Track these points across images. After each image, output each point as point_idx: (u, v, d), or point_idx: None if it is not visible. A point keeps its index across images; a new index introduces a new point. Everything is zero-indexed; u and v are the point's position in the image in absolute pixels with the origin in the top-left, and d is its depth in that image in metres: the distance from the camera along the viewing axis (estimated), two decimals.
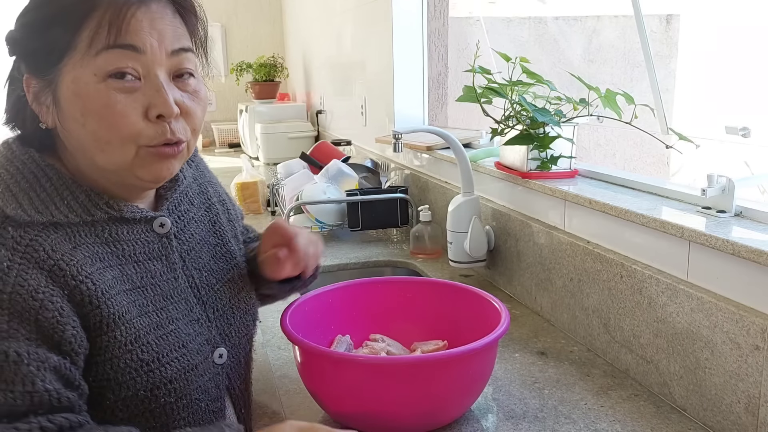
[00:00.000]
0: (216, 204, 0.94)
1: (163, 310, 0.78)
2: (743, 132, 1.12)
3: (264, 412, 0.97)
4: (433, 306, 1.09)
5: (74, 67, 0.70)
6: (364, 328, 1.10)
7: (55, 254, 0.68)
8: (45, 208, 0.71)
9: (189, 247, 0.85)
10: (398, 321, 1.11)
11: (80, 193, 0.74)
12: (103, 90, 0.70)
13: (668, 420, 0.94)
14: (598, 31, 2.83)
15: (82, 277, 0.69)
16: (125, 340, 0.72)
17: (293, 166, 2.32)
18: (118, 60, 0.69)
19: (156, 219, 0.80)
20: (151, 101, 0.72)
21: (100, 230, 0.75)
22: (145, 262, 0.78)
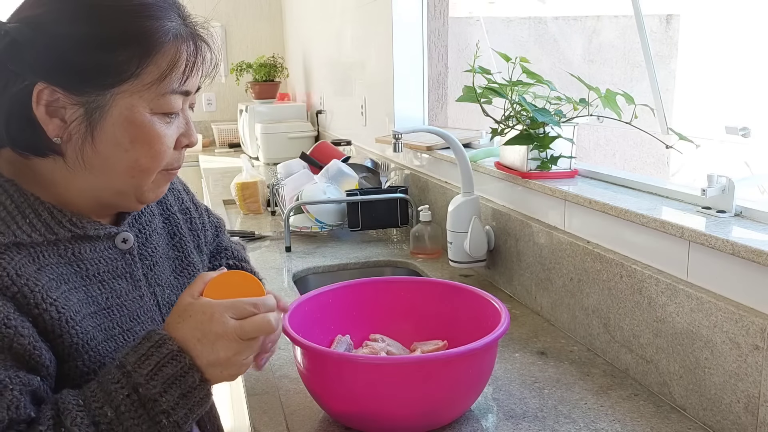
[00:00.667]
0: (177, 213, 0.93)
1: (129, 331, 0.77)
2: (743, 132, 1.12)
3: (264, 412, 0.97)
4: (432, 306, 1.09)
5: (131, 94, 0.70)
6: (363, 327, 1.10)
7: (19, 279, 0.66)
8: (6, 228, 0.68)
9: (152, 263, 0.84)
10: (398, 321, 1.11)
11: (42, 210, 0.71)
12: (156, 122, 0.72)
13: (668, 420, 0.94)
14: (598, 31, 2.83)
15: (46, 305, 0.67)
16: (88, 369, 0.71)
17: (293, 166, 2.32)
18: (176, 103, 0.73)
19: (118, 235, 0.79)
20: (182, 132, 0.76)
21: (63, 249, 0.72)
22: (110, 281, 0.77)
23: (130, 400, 0.65)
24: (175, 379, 0.66)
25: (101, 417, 0.65)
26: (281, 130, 3.35)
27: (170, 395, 0.66)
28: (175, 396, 0.66)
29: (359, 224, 1.86)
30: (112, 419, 0.65)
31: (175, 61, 0.71)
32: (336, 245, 1.86)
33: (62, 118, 0.69)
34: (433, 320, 1.09)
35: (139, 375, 0.66)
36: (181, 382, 0.67)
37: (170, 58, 0.71)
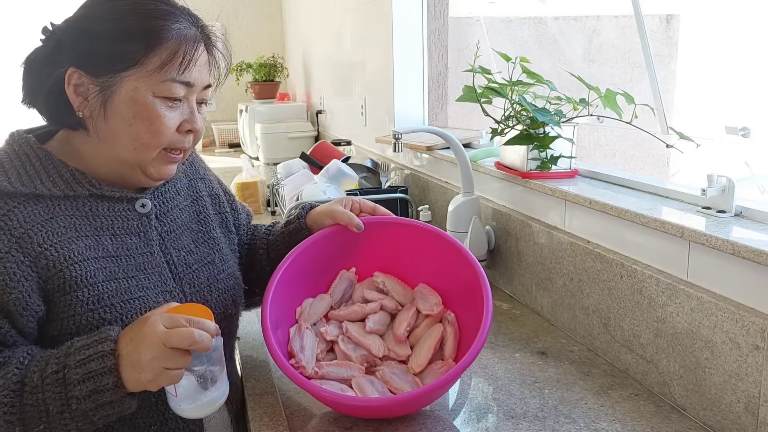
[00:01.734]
0: (205, 197, 1.07)
1: (134, 278, 0.89)
2: (743, 132, 1.12)
3: (264, 412, 0.97)
4: (437, 260, 1.06)
5: (137, 79, 0.84)
6: (372, 261, 1.09)
7: (26, 224, 0.81)
8: (30, 182, 0.84)
9: (170, 229, 0.97)
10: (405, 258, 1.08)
11: (66, 172, 0.87)
12: (157, 103, 0.86)
13: (668, 419, 0.94)
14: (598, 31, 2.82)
15: (47, 245, 0.81)
16: (87, 300, 0.83)
17: (293, 166, 2.32)
18: (176, 90, 0.86)
19: (138, 200, 0.93)
20: (186, 118, 0.89)
21: (81, 204, 0.87)
22: (122, 235, 0.90)
23: (56, 376, 0.75)
24: (94, 374, 0.74)
25: (29, 380, 0.75)
26: (281, 130, 3.35)
27: (84, 386, 0.74)
28: (88, 389, 0.74)
29: None
30: (37, 385, 0.75)
31: (174, 54, 0.85)
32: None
33: (85, 96, 0.86)
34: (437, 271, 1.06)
35: (73, 359, 0.75)
36: (96, 379, 0.74)
37: (170, 52, 0.85)
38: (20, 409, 0.74)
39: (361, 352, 1.00)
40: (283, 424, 0.94)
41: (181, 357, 0.75)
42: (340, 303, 1.08)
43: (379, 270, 1.10)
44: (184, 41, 0.86)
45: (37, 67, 0.87)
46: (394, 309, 1.06)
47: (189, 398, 0.79)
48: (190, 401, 0.80)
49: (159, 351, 0.74)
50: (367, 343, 1.01)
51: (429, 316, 1.04)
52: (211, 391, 0.81)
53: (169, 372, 0.75)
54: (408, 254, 1.08)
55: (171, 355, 0.74)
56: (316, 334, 1.02)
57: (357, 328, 1.03)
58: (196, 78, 0.88)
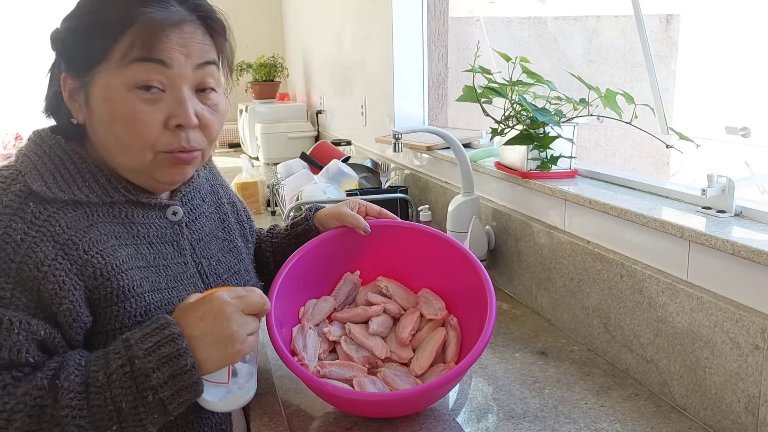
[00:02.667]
0: (225, 204, 1.02)
1: (174, 289, 0.84)
2: (743, 132, 1.12)
3: (264, 412, 0.97)
4: (441, 264, 1.05)
5: (107, 74, 0.77)
6: (376, 265, 1.09)
7: (69, 230, 0.75)
8: (68, 187, 0.78)
9: (199, 237, 0.92)
10: (409, 263, 1.08)
11: (101, 177, 0.81)
12: (130, 99, 0.76)
13: (668, 419, 0.94)
14: (598, 31, 2.82)
15: (93, 252, 0.76)
16: (135, 312, 0.78)
17: (293, 166, 2.32)
18: (146, 73, 0.76)
19: (169, 207, 0.88)
20: (172, 111, 0.78)
21: (118, 211, 0.82)
22: (159, 244, 0.85)
23: (123, 370, 0.70)
24: (169, 359, 0.71)
25: (93, 380, 0.70)
26: (281, 130, 3.35)
27: (162, 373, 0.71)
28: (166, 375, 0.71)
29: None
30: (103, 384, 0.70)
31: (138, 33, 0.76)
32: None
33: (78, 101, 0.80)
34: (439, 276, 1.06)
35: (139, 349, 0.71)
36: (174, 362, 0.71)
37: (134, 33, 0.76)
38: (89, 411, 0.69)
39: (363, 353, 1.00)
40: (283, 424, 0.94)
41: (255, 321, 0.78)
42: (344, 305, 1.08)
43: (383, 273, 1.10)
44: (150, 21, 0.76)
45: (50, 77, 0.84)
46: (397, 313, 1.06)
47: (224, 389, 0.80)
48: (225, 392, 0.80)
49: (241, 319, 0.75)
50: (370, 344, 1.01)
51: (432, 320, 1.04)
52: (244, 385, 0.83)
53: (249, 338, 0.77)
54: (412, 257, 1.08)
55: (251, 321, 0.77)
56: (319, 335, 1.02)
57: (360, 330, 1.03)
58: (173, 56, 0.77)
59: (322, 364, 0.97)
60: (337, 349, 1.02)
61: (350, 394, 0.91)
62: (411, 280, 1.09)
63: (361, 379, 0.95)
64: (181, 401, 0.73)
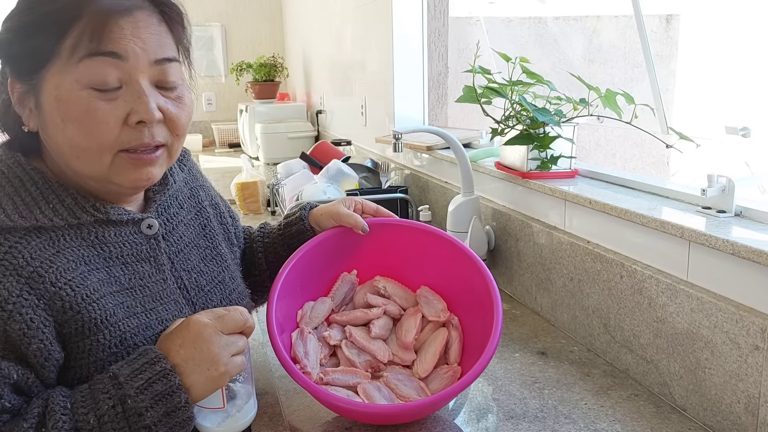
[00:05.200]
0: (207, 208, 0.96)
1: (153, 311, 0.79)
2: (743, 132, 1.12)
3: (264, 412, 0.97)
4: (440, 262, 1.05)
5: (57, 73, 0.70)
6: (370, 265, 1.08)
7: (34, 261, 0.69)
8: (29, 213, 0.71)
9: (177, 249, 0.86)
10: (407, 262, 1.07)
11: (66, 196, 0.74)
12: (84, 97, 0.70)
13: (668, 420, 0.94)
14: (598, 31, 2.82)
15: (61, 284, 0.70)
16: (110, 343, 0.73)
17: (293, 166, 2.32)
18: (100, 68, 0.70)
19: (144, 221, 0.81)
20: (132, 107, 0.72)
21: (86, 233, 0.75)
22: (134, 263, 0.79)
23: (114, 411, 0.67)
24: (162, 396, 0.68)
25: (83, 423, 0.67)
26: (281, 130, 3.35)
27: (155, 411, 0.68)
28: (160, 413, 0.68)
29: None
30: (94, 426, 0.66)
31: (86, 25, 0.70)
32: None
33: (29, 106, 0.74)
34: (439, 274, 1.05)
35: (130, 387, 0.68)
36: (167, 400, 0.69)
37: (82, 26, 0.70)
38: None
39: (365, 357, 0.99)
40: (283, 424, 0.94)
41: (241, 340, 0.75)
42: (341, 306, 1.07)
43: (380, 272, 1.09)
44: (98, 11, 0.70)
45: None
46: (398, 314, 1.05)
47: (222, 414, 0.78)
48: (223, 417, 0.78)
49: (221, 340, 0.72)
50: (373, 348, 0.99)
51: (434, 321, 1.03)
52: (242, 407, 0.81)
53: (235, 359, 0.74)
54: (409, 255, 1.07)
55: (234, 341, 0.74)
56: (319, 339, 1.01)
57: (361, 333, 1.02)
58: (128, 48, 0.71)
59: (325, 371, 0.95)
60: (338, 353, 1.00)
61: (362, 407, 0.89)
62: (409, 279, 1.08)
63: (366, 386, 0.93)
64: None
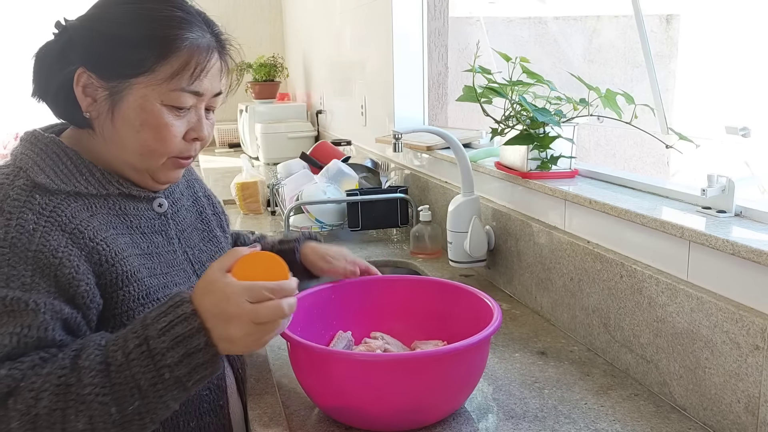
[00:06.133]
0: (202, 198, 1.08)
1: (167, 275, 0.91)
2: (743, 132, 1.12)
3: (264, 412, 0.97)
4: (431, 304, 1.09)
5: (146, 86, 0.84)
6: (365, 325, 1.10)
7: (75, 219, 0.80)
8: (68, 179, 0.84)
9: (182, 228, 0.99)
10: (399, 319, 1.11)
11: (96, 171, 0.87)
12: (165, 112, 0.85)
13: (668, 420, 0.94)
14: (598, 31, 2.82)
15: (98, 240, 0.81)
16: (138, 295, 0.84)
17: (293, 166, 2.32)
18: (185, 100, 0.86)
19: (155, 199, 0.94)
20: (193, 127, 0.89)
21: (112, 203, 0.88)
22: (150, 234, 0.91)
23: (140, 349, 0.73)
24: (183, 338, 0.73)
25: (113, 359, 0.73)
26: (281, 130, 3.35)
27: (175, 352, 0.72)
28: (180, 354, 0.73)
29: (359, 224, 1.86)
30: (122, 363, 0.72)
31: (187, 64, 0.84)
32: (336, 245, 1.86)
33: (93, 97, 0.86)
34: (434, 318, 1.09)
35: (154, 329, 0.73)
36: (187, 342, 0.73)
37: (182, 62, 0.84)
38: (111, 389, 0.72)
39: None
40: (283, 424, 0.94)
41: (270, 326, 0.76)
42: None
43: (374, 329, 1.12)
44: (196, 51, 0.85)
45: (48, 63, 0.87)
46: None
47: None
48: None
49: (249, 328, 0.74)
50: None
51: None
52: None
53: (262, 340, 0.76)
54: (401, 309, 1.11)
55: (261, 329, 0.75)
56: None
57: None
58: (206, 88, 0.88)
59: None
60: None
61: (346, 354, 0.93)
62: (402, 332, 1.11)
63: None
64: (198, 378, 0.74)
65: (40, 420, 0.70)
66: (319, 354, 0.89)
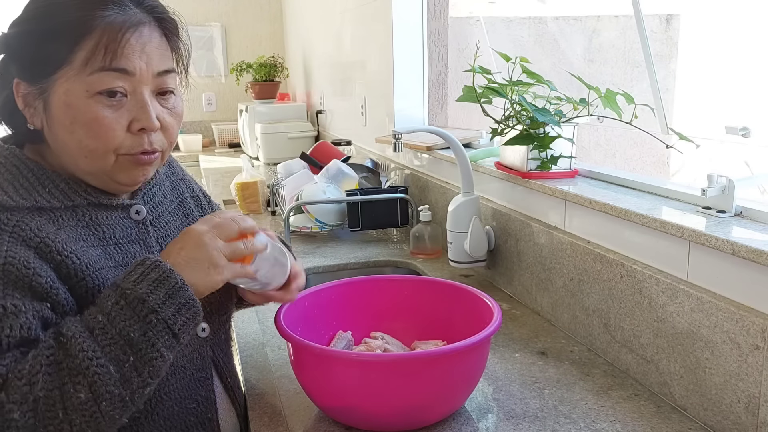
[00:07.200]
0: (188, 199, 1.02)
1: None
2: (743, 132, 1.12)
3: (264, 412, 0.97)
4: (431, 304, 1.09)
5: (68, 80, 0.77)
6: (365, 325, 1.10)
7: (40, 233, 0.75)
8: (28, 195, 0.78)
9: (164, 234, 0.93)
10: (400, 319, 1.11)
11: (60, 182, 0.81)
12: (93, 104, 0.77)
13: (668, 420, 0.94)
14: (598, 31, 2.82)
15: (68, 252, 0.76)
16: None
17: (293, 166, 2.32)
18: (110, 81, 0.77)
19: (132, 207, 0.88)
20: (135, 116, 0.80)
21: (81, 214, 0.82)
22: (126, 244, 0.86)
23: (118, 305, 0.72)
24: (159, 281, 0.73)
25: (94, 323, 0.72)
26: (281, 130, 3.35)
27: (156, 294, 0.73)
28: (161, 295, 0.73)
29: (359, 224, 1.86)
30: (104, 323, 0.72)
31: (100, 41, 0.76)
32: (336, 245, 1.86)
33: (33, 106, 0.79)
34: (432, 318, 1.09)
35: (127, 282, 0.74)
36: (164, 283, 0.73)
37: (96, 41, 0.76)
38: (102, 351, 0.70)
39: None
40: (284, 424, 0.94)
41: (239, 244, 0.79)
42: None
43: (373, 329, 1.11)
44: (110, 28, 0.77)
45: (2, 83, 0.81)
46: None
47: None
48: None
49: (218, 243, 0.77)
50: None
51: None
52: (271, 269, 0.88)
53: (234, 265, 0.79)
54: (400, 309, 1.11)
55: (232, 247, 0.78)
56: None
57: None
58: (137, 66, 0.78)
59: None
60: None
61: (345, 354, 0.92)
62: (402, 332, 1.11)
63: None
64: (184, 320, 0.75)
65: (40, 404, 0.68)
66: (319, 354, 0.89)
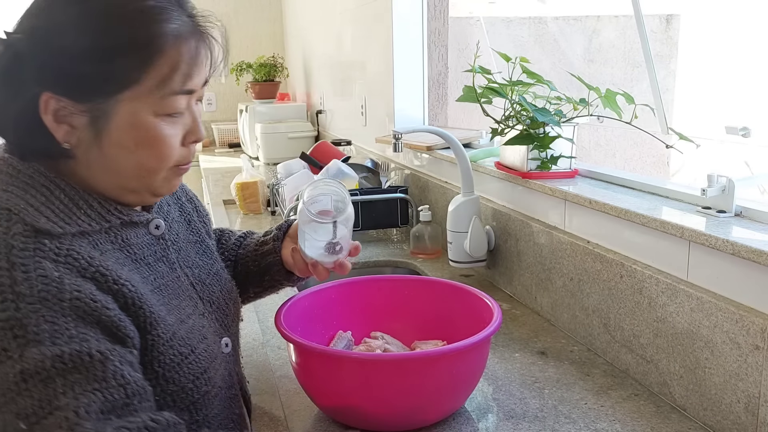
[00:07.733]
0: (186, 203, 0.96)
1: (179, 307, 0.80)
2: (743, 132, 1.12)
3: (264, 412, 0.97)
4: (431, 304, 1.09)
5: (134, 100, 0.70)
6: (365, 325, 1.10)
7: (93, 261, 0.68)
8: (70, 219, 0.70)
9: (178, 247, 0.86)
10: (399, 319, 1.11)
11: (93, 201, 0.74)
12: (158, 124, 0.72)
13: (668, 420, 0.94)
14: (598, 31, 2.82)
15: (122, 281, 0.70)
16: (166, 336, 0.74)
17: (293, 166, 2.32)
18: (181, 103, 0.73)
19: (152, 221, 0.81)
20: (189, 129, 0.76)
21: (113, 236, 0.75)
22: (154, 263, 0.79)
23: None
24: None
25: None
26: (281, 130, 3.35)
27: None
28: None
29: (359, 224, 1.86)
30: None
31: (176, 63, 0.71)
32: None
33: (70, 124, 0.71)
34: (432, 318, 1.09)
35: None
36: None
37: (171, 61, 0.71)
38: None
39: None
40: (283, 424, 0.94)
41: None
42: None
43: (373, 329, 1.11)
44: (183, 44, 0.71)
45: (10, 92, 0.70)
46: None
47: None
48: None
49: None
50: None
51: None
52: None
53: None
54: (399, 309, 1.11)
55: None
56: None
57: None
58: (197, 82, 0.75)
59: None
60: None
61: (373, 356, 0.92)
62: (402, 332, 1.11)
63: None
64: None
65: None
66: (319, 354, 0.89)
